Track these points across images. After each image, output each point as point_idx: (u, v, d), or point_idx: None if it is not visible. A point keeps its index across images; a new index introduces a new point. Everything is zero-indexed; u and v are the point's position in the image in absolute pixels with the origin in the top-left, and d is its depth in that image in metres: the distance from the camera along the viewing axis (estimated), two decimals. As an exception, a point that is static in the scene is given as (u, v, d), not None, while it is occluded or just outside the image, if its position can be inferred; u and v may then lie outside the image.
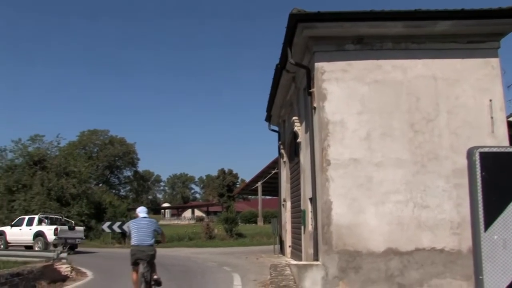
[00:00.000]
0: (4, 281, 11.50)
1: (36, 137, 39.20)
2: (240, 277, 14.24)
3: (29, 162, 37.25)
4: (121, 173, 78.21)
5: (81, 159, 44.53)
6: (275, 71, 14.92)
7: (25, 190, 35.24)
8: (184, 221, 75.51)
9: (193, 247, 29.17)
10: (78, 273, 16.20)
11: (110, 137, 73.03)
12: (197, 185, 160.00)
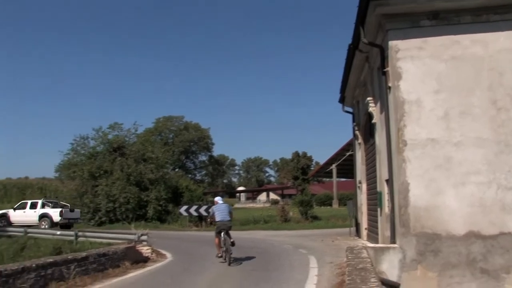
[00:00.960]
0: (92, 260, 12.17)
1: (115, 125, 40.82)
2: (316, 259, 14.24)
3: (109, 149, 38.87)
4: (197, 158, 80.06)
5: (158, 145, 45.92)
6: (348, 51, 14.65)
7: (106, 176, 36.84)
8: (259, 204, 76.29)
9: (268, 230, 29.39)
10: (158, 255, 16.80)
11: (185, 123, 74.76)
12: (271, 168, 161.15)
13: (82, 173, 37.22)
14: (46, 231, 21.95)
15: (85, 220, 34.83)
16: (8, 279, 9.01)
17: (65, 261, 11.09)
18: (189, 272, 12.93)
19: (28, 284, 9.43)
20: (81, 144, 39.86)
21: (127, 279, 12.03)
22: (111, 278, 11.96)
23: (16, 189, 51.03)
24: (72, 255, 12.05)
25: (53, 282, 10.23)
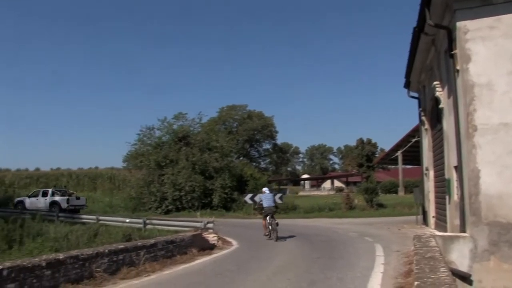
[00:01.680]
0: (161, 247, 12.54)
1: (180, 115, 41.61)
2: (382, 248, 14.02)
3: (175, 139, 39.70)
4: (261, 146, 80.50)
5: (222, 134, 46.47)
6: (413, 34, 14.19)
7: (172, 165, 37.69)
8: (324, 192, 75.84)
9: (333, 218, 29.17)
10: (224, 242, 17.06)
11: (249, 111, 75.23)
12: (335, 155, 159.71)
13: (149, 163, 38.25)
14: (116, 219, 22.80)
15: (152, 208, 35.87)
16: (85, 263, 9.49)
17: (135, 248, 11.48)
18: (255, 259, 13.05)
19: (102, 268, 9.85)
20: (147, 135, 40.94)
21: (194, 265, 12.31)
22: (178, 264, 12.27)
23: (88, 178, 53.19)
24: (142, 242, 12.46)
25: (124, 267, 10.62)
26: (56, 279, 8.67)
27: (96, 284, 9.25)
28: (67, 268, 9.00)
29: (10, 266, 7.90)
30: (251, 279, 9.81)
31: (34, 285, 8.18)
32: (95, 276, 9.58)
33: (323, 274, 9.93)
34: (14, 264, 8.09)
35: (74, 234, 18.47)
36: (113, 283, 9.52)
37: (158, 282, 9.69)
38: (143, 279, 10.04)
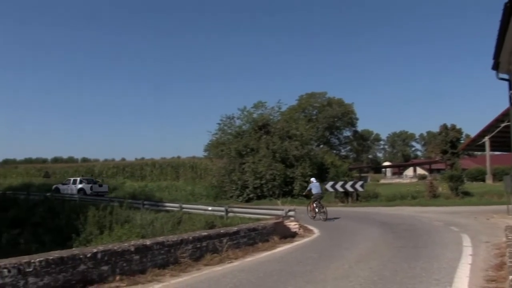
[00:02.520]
0: (243, 234, 12.77)
1: (259, 103, 41.90)
2: (470, 238, 13.49)
3: (255, 128, 40.08)
4: (341, 134, 79.61)
5: (302, 122, 46.33)
6: (504, 11, 13.39)
7: (253, 154, 38.10)
8: (406, 179, 73.93)
9: (416, 206, 28.37)
10: (306, 230, 17.09)
11: (328, 98, 74.52)
12: (417, 142, 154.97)
13: (230, 152, 38.90)
14: (198, 207, 23.43)
15: (233, 196, 36.51)
16: (170, 249, 9.87)
17: (218, 235, 11.75)
18: (337, 247, 12.98)
19: (187, 254, 10.18)
20: (228, 124, 41.61)
21: (276, 253, 12.42)
22: (260, 252, 12.43)
23: (170, 167, 54.89)
24: (224, 229, 12.74)
25: (208, 253, 10.91)
26: (144, 264, 9.08)
27: (181, 269, 9.56)
28: (154, 253, 9.39)
29: (103, 250, 8.37)
30: (333, 267, 9.77)
31: (125, 268, 8.61)
32: (180, 262, 9.92)
33: (406, 264, 9.72)
34: (106, 248, 8.56)
35: (159, 221, 19.24)
36: (197, 269, 9.81)
37: (241, 269, 9.86)
38: (226, 266, 10.26)
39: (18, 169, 69.10)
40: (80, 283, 7.71)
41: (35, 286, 7.10)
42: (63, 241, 20.66)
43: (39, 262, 7.18)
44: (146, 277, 8.67)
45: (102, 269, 8.20)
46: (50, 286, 7.29)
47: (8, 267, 6.72)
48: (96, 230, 20.30)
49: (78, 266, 7.78)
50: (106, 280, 8.16)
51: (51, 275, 7.33)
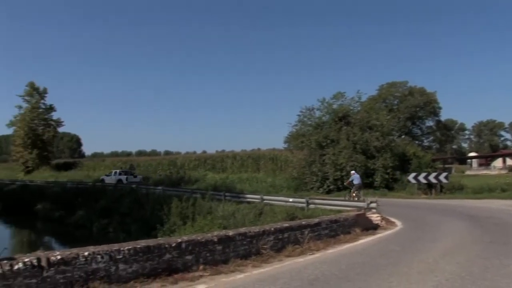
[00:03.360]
0: (324, 226, 12.68)
1: (339, 94, 41.27)
2: None
3: (335, 119, 39.55)
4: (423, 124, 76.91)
5: (382, 112, 45.20)
6: None
7: (333, 145, 37.65)
8: (494, 171, 70.42)
9: (506, 199, 26.88)
10: (388, 222, 16.73)
11: (410, 87, 72.26)
12: (507, 131, 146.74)
13: (310, 143, 38.66)
14: (279, 199, 23.50)
15: (314, 188, 36.28)
16: (252, 240, 9.97)
17: (299, 226, 11.72)
18: (420, 240, 12.60)
19: (268, 245, 10.23)
20: (308, 115, 41.30)
21: (357, 245, 12.24)
22: (342, 244, 12.29)
23: (251, 159, 55.29)
24: (306, 221, 12.69)
25: (289, 245, 10.91)
26: (227, 254, 9.21)
27: (262, 260, 9.62)
28: (236, 244, 9.50)
29: (188, 240, 8.58)
30: (417, 260, 9.48)
31: (208, 258, 8.78)
32: (262, 253, 9.98)
33: (498, 260, 9.23)
34: (190, 238, 8.77)
35: (240, 212, 19.50)
36: (279, 260, 9.83)
37: (322, 260, 9.78)
38: (308, 257, 10.22)
39: (105, 162, 72.37)
40: (165, 272, 7.94)
41: (125, 272, 7.42)
42: (148, 230, 21.49)
43: (128, 250, 7.49)
44: (229, 267, 8.79)
45: (186, 258, 8.41)
46: (138, 273, 7.58)
47: (101, 253, 7.14)
48: (179, 221, 20.92)
49: (163, 255, 8.02)
50: (190, 269, 8.35)
51: (139, 262, 7.62)
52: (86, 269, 6.96)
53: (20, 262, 6.33)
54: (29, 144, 68.81)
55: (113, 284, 7.12)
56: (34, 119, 69.90)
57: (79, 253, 6.96)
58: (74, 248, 7.44)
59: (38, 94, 70.56)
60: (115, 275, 7.30)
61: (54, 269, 6.59)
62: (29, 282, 6.33)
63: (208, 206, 21.71)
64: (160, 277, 7.77)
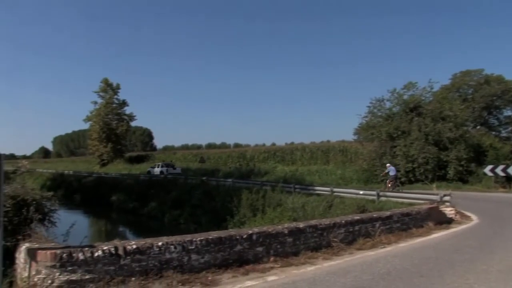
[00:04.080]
0: (396, 219, 12.45)
1: (410, 84, 40.11)
2: None
3: (405, 109, 38.52)
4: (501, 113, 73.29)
5: (456, 102, 43.60)
6: None
7: (404, 136, 36.71)
8: None
9: None
10: (462, 216, 16.19)
11: (485, 76, 69.12)
12: None
13: (380, 135, 37.91)
14: (349, 191, 23.28)
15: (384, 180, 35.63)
16: (322, 232, 9.97)
17: (370, 219, 11.57)
18: (499, 236, 12.11)
19: (339, 238, 10.19)
20: (378, 106, 40.48)
21: (430, 239, 11.92)
22: (414, 237, 12.01)
23: (320, 152, 54.87)
24: (377, 214, 12.51)
25: (360, 238, 10.80)
26: (297, 246, 9.25)
27: (333, 253, 9.59)
28: (307, 236, 9.52)
29: (258, 231, 8.69)
30: (497, 258, 9.11)
31: (278, 250, 8.86)
32: (332, 246, 9.96)
33: None
34: (261, 230, 8.88)
35: (310, 205, 19.42)
36: (350, 253, 9.76)
37: (394, 254, 9.62)
38: (379, 251, 10.08)
39: (176, 154, 74.38)
40: (236, 263, 8.08)
41: (197, 262, 7.63)
42: (218, 222, 21.90)
43: (200, 241, 7.70)
44: (299, 259, 8.83)
45: (257, 250, 8.52)
46: (210, 264, 7.77)
47: (174, 243, 7.40)
48: (249, 213, 21.16)
49: (234, 246, 8.17)
50: (260, 261, 8.46)
51: (211, 253, 7.81)
52: (160, 258, 7.26)
53: (100, 250, 6.72)
54: (104, 138, 72.19)
55: (185, 274, 7.35)
56: (108, 114, 73.11)
57: (153, 243, 7.27)
58: (148, 238, 7.75)
59: (111, 90, 73.71)
60: (187, 265, 7.54)
61: (130, 257, 6.94)
62: (107, 269, 6.71)
63: (278, 198, 21.78)
64: (231, 268, 7.93)
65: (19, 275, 7.23)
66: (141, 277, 6.97)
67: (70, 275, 6.45)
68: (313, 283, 7.20)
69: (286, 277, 7.63)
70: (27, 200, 9.11)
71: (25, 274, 6.76)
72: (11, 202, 8.83)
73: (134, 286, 6.75)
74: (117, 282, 6.69)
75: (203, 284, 7.07)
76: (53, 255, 6.43)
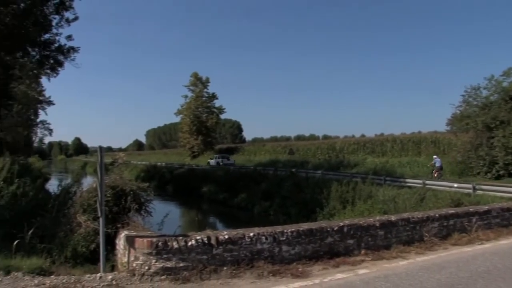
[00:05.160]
0: (495, 214, 11.78)
1: (510, 71, 37.74)
2: None
3: (505, 98, 36.30)
4: None
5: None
6: None
7: (503, 127, 34.65)
8: None
9: None
10: None
11: None
12: None
13: (476, 125, 36.02)
14: (442, 184, 22.49)
15: (480, 173, 33.85)
16: (415, 226, 9.68)
17: (466, 214, 11.06)
18: None
19: (432, 232, 9.84)
20: (473, 95, 38.49)
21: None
22: (517, 235, 11.35)
23: (411, 143, 53.12)
24: (474, 208, 11.93)
25: (455, 233, 10.36)
26: (389, 240, 9.05)
27: (426, 247, 9.28)
28: (399, 230, 9.29)
29: (349, 224, 8.61)
30: None
31: (369, 243, 8.72)
32: (425, 240, 9.63)
33: None
34: (352, 222, 8.78)
35: (401, 197, 18.98)
36: (444, 248, 9.41)
37: (494, 251, 9.14)
38: (476, 247, 9.63)
39: (266, 147, 74.95)
40: (327, 255, 8.06)
41: (287, 254, 7.69)
42: (307, 214, 21.95)
43: (291, 233, 7.76)
44: (391, 253, 8.64)
45: (348, 242, 8.45)
46: (300, 255, 7.80)
47: (265, 234, 7.51)
48: (339, 205, 21.04)
49: (325, 239, 8.15)
50: (351, 254, 8.38)
51: (301, 245, 7.84)
52: (251, 249, 7.39)
53: (193, 239, 6.96)
54: (194, 131, 74.43)
55: (276, 265, 7.43)
56: (199, 107, 75.21)
57: (245, 234, 7.41)
58: (239, 228, 7.91)
59: (201, 83, 75.75)
60: (278, 256, 7.62)
61: (222, 247, 7.13)
62: (200, 258, 6.93)
63: (368, 191, 21.45)
64: (322, 260, 7.90)
65: (119, 260, 7.68)
66: (232, 266, 7.13)
67: (165, 263, 6.77)
68: (405, 278, 7.01)
69: (377, 271, 7.50)
70: (125, 191, 9.63)
71: (125, 260, 7.18)
72: (111, 192, 9.39)
73: (225, 275, 6.92)
74: (209, 271, 6.90)
75: (293, 275, 7.10)
76: (150, 243, 6.79)
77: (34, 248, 8.36)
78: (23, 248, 8.16)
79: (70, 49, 32.09)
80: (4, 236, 8.51)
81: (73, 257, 8.39)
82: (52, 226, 9.14)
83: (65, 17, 31.16)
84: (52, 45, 31.21)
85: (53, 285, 6.42)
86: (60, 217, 9.50)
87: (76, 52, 32.32)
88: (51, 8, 29.65)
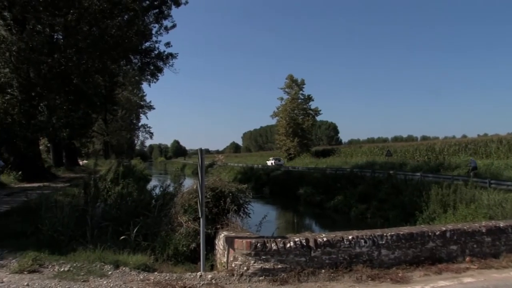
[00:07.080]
0: None
1: None
2: None
3: None
4: None
5: None
6: None
7: None
8: None
9: None
10: None
11: None
12: None
13: None
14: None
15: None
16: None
17: None
18: None
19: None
20: None
21: None
22: None
23: (520, 144, 49.78)
24: None
25: None
26: (497, 247, 8.46)
27: (543, 259, 8.54)
28: (509, 237, 8.64)
29: (452, 228, 8.15)
30: None
31: (475, 250, 8.21)
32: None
33: None
34: (455, 227, 8.31)
35: (509, 202, 17.78)
36: None
37: None
38: None
39: (362, 148, 73.48)
40: (428, 260, 7.70)
41: (387, 258, 7.44)
42: (405, 217, 21.20)
43: (391, 236, 7.49)
44: (500, 262, 8.07)
45: (450, 248, 8.02)
46: (400, 260, 7.51)
47: (364, 238, 7.33)
48: (439, 209, 20.12)
49: (426, 243, 7.80)
50: (455, 260, 7.94)
51: (401, 249, 7.55)
52: (350, 252, 7.26)
53: (291, 241, 6.95)
54: (290, 133, 75.07)
55: (375, 269, 7.21)
56: (294, 109, 75.74)
57: (343, 237, 7.28)
58: (337, 231, 7.75)
59: (297, 85, 76.17)
60: (377, 260, 7.39)
61: (320, 250, 7.05)
62: (299, 260, 6.90)
63: (471, 194, 20.31)
64: (423, 266, 7.56)
65: (218, 260, 7.83)
66: (330, 269, 7.04)
67: (264, 264, 6.84)
68: (518, 290, 6.51)
69: (485, 280, 7.00)
70: (224, 192, 9.78)
71: (224, 260, 7.31)
72: (211, 194, 9.58)
73: (323, 278, 6.82)
74: (307, 273, 6.86)
75: (393, 280, 6.84)
76: (249, 243, 6.89)
77: (138, 246, 8.72)
78: (129, 245, 8.55)
79: (169, 56, 33.51)
80: (112, 233, 8.95)
81: (174, 256, 8.65)
82: (154, 225, 9.48)
83: (164, 25, 32.68)
84: (152, 52, 32.80)
85: (156, 281, 6.69)
86: (161, 217, 9.84)
87: (175, 58, 33.72)
88: (151, 18, 31.17)
